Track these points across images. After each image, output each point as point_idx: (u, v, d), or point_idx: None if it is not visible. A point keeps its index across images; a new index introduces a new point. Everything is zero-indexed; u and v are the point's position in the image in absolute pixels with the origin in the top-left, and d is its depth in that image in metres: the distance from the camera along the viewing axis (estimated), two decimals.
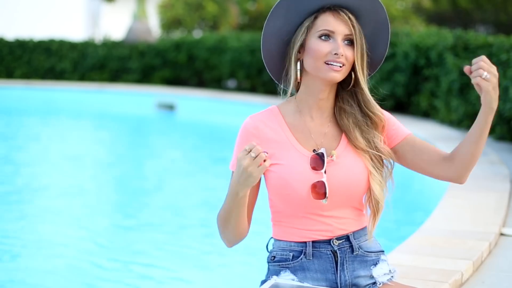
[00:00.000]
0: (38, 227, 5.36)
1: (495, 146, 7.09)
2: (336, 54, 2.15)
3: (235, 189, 2.11)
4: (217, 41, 14.43)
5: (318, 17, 2.20)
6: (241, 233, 2.24)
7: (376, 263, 2.30)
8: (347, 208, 2.25)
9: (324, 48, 2.17)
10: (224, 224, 2.21)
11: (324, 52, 2.17)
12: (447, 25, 17.51)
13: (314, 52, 2.18)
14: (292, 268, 2.26)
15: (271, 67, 2.30)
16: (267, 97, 12.53)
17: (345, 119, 2.25)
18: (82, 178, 7.37)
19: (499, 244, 3.66)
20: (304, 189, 2.19)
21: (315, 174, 2.19)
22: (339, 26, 2.18)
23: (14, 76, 15.65)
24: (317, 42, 2.18)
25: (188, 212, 5.96)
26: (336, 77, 2.17)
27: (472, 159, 2.22)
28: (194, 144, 10.29)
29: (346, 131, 2.25)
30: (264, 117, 2.26)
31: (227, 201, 2.17)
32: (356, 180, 2.22)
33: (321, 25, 2.19)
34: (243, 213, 2.18)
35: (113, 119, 12.84)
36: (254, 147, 2.04)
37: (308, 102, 2.25)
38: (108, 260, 4.56)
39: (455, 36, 8.49)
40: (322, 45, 2.17)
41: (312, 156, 2.20)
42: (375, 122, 2.26)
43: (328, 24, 2.18)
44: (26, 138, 10.38)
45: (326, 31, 2.18)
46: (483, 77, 2.08)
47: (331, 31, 2.18)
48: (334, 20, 2.18)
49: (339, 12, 2.19)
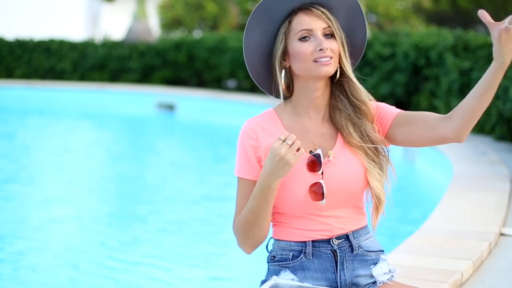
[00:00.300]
0: (38, 227, 5.36)
1: (495, 146, 7.09)
2: (321, 49, 2.15)
3: (268, 182, 2.11)
4: (217, 41, 14.43)
5: (292, 20, 2.20)
6: (266, 234, 2.22)
7: (376, 262, 2.30)
8: (346, 207, 2.25)
9: (308, 48, 2.17)
10: (248, 228, 2.19)
11: (309, 52, 2.17)
12: (447, 25, 17.51)
13: (299, 54, 2.18)
14: (292, 267, 2.26)
15: (260, 81, 2.32)
16: (267, 97, 12.39)
17: (338, 116, 2.25)
18: (82, 178, 7.38)
19: (499, 244, 3.66)
20: (302, 191, 2.19)
21: (312, 175, 2.19)
22: (314, 22, 2.18)
23: (14, 76, 15.65)
24: (298, 44, 2.18)
25: (188, 212, 5.96)
26: (329, 70, 2.18)
27: (472, 116, 2.16)
28: (194, 144, 10.29)
29: (340, 128, 2.24)
30: (261, 120, 2.26)
31: (254, 201, 2.15)
32: (354, 180, 2.22)
33: (297, 27, 2.19)
34: (271, 210, 2.17)
35: (113, 119, 12.84)
36: (288, 135, 2.07)
37: (304, 103, 2.25)
38: (108, 260, 4.56)
39: (455, 36, 8.49)
40: (305, 46, 2.18)
41: (308, 157, 2.20)
42: (364, 112, 2.25)
43: (304, 23, 2.18)
44: (26, 138, 10.38)
45: (304, 31, 2.18)
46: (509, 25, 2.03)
47: (309, 30, 2.18)
48: (308, 19, 2.18)
49: (310, 9, 2.19)
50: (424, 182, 7.17)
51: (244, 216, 2.19)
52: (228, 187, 6.72)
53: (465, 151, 6.72)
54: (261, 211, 2.16)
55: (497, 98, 7.27)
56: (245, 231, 2.20)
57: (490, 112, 7.54)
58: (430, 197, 6.10)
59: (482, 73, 8.85)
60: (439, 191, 5.24)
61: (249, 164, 2.23)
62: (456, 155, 6.44)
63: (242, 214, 2.20)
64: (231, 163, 2.27)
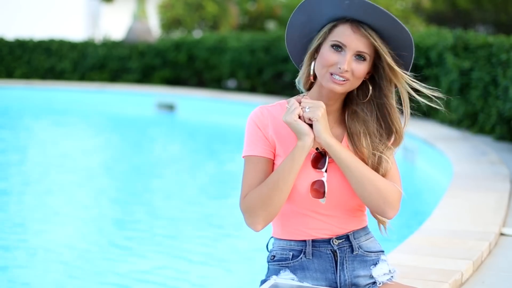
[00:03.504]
0: (37, 226, 5.36)
1: (495, 146, 7.08)
2: (340, 68, 2.14)
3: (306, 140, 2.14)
4: (217, 41, 14.42)
5: (337, 25, 2.18)
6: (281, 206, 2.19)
7: (376, 263, 2.30)
8: (347, 207, 2.25)
9: (332, 59, 2.16)
10: (268, 197, 2.16)
11: (331, 62, 2.16)
12: (447, 25, 17.50)
13: (322, 59, 2.18)
14: (292, 267, 2.26)
15: (293, 53, 2.31)
16: (267, 97, 12.52)
17: (357, 125, 2.24)
18: (81, 178, 7.37)
19: (499, 244, 3.66)
20: (304, 186, 2.19)
21: (316, 172, 2.20)
22: (353, 41, 2.14)
23: (14, 76, 15.64)
24: (328, 50, 2.17)
25: (188, 212, 5.96)
26: (336, 89, 2.16)
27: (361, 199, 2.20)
28: (194, 144, 10.29)
29: (354, 135, 2.23)
30: (273, 110, 2.27)
31: (288, 162, 2.15)
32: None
33: (337, 35, 2.17)
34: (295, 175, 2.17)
35: (113, 119, 12.84)
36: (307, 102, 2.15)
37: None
38: (108, 259, 4.56)
39: (455, 36, 8.49)
40: (331, 55, 2.16)
41: (314, 153, 2.21)
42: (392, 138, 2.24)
43: (343, 36, 2.15)
44: (26, 138, 10.38)
45: (338, 42, 2.16)
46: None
47: (343, 44, 2.15)
48: (350, 34, 2.15)
49: (359, 27, 2.15)
50: (424, 182, 7.16)
51: (266, 184, 2.17)
52: (228, 187, 6.73)
53: (465, 151, 6.72)
54: (292, 171, 2.15)
55: (497, 98, 7.27)
56: (263, 201, 2.16)
57: (490, 112, 7.54)
58: (430, 197, 6.10)
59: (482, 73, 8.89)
60: (439, 191, 5.24)
61: (260, 141, 2.23)
62: (456, 155, 6.44)
63: (263, 184, 2.18)
64: (231, 162, 2.27)
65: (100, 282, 4.17)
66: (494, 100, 7.36)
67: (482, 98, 7.63)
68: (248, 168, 2.23)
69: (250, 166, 2.23)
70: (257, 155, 2.22)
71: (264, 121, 2.24)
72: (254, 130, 2.24)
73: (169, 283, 4.19)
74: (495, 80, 7.32)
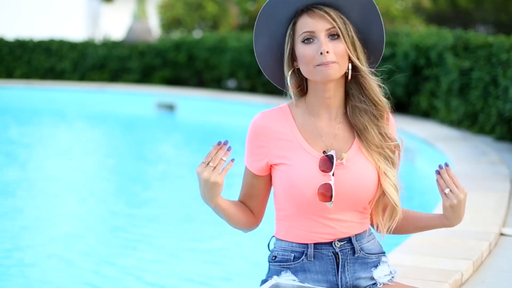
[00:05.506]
0: (37, 225, 5.36)
1: (495, 146, 7.08)
2: (321, 53, 2.13)
3: (209, 203, 2.18)
4: (217, 41, 14.42)
5: (296, 22, 2.18)
6: (247, 226, 2.31)
7: (377, 265, 2.29)
8: (352, 211, 2.23)
9: (309, 51, 2.14)
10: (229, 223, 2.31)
11: (311, 56, 2.14)
12: (447, 25, 17.49)
13: (302, 58, 2.17)
14: (293, 268, 2.25)
15: (276, 81, 2.30)
16: (267, 97, 12.51)
17: (360, 117, 2.21)
18: (81, 178, 7.38)
19: (499, 244, 3.66)
20: (310, 191, 2.17)
21: (323, 176, 2.16)
22: (317, 23, 2.14)
23: (14, 76, 15.64)
24: (302, 47, 2.16)
25: (188, 212, 5.96)
26: (330, 74, 2.14)
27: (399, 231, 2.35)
28: (194, 144, 10.29)
29: (362, 129, 2.21)
30: (274, 115, 2.24)
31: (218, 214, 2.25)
32: (365, 186, 2.20)
33: (300, 29, 2.17)
34: (232, 215, 2.25)
35: (113, 119, 12.83)
36: (212, 157, 2.10)
37: (316, 103, 2.23)
38: (107, 260, 4.56)
39: (455, 36, 8.49)
40: (307, 49, 2.15)
41: (321, 157, 2.18)
42: (380, 112, 2.23)
43: (306, 25, 2.15)
44: (26, 138, 10.38)
45: (306, 33, 2.15)
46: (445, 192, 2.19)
47: (311, 31, 2.15)
48: (311, 20, 2.15)
49: (313, 10, 2.16)
50: (424, 182, 7.16)
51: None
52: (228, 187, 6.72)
53: (465, 151, 6.71)
54: (225, 219, 2.26)
55: (497, 98, 7.26)
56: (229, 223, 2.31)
57: (490, 112, 7.54)
58: (430, 197, 6.10)
59: (482, 73, 8.87)
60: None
61: (252, 157, 2.25)
62: (456, 155, 6.43)
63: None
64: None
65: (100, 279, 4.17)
66: (494, 100, 7.36)
67: (482, 98, 7.62)
68: (244, 175, 2.32)
69: (244, 174, 2.31)
70: (247, 167, 2.28)
71: (260, 132, 2.22)
72: (249, 141, 2.25)
73: (168, 282, 4.19)
74: (495, 80, 7.32)
